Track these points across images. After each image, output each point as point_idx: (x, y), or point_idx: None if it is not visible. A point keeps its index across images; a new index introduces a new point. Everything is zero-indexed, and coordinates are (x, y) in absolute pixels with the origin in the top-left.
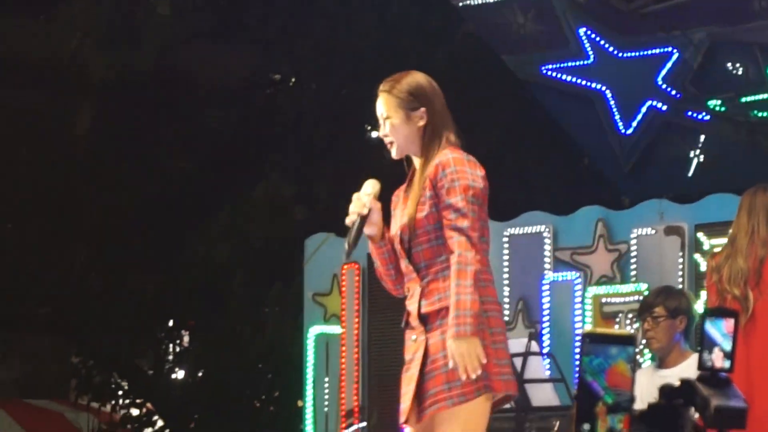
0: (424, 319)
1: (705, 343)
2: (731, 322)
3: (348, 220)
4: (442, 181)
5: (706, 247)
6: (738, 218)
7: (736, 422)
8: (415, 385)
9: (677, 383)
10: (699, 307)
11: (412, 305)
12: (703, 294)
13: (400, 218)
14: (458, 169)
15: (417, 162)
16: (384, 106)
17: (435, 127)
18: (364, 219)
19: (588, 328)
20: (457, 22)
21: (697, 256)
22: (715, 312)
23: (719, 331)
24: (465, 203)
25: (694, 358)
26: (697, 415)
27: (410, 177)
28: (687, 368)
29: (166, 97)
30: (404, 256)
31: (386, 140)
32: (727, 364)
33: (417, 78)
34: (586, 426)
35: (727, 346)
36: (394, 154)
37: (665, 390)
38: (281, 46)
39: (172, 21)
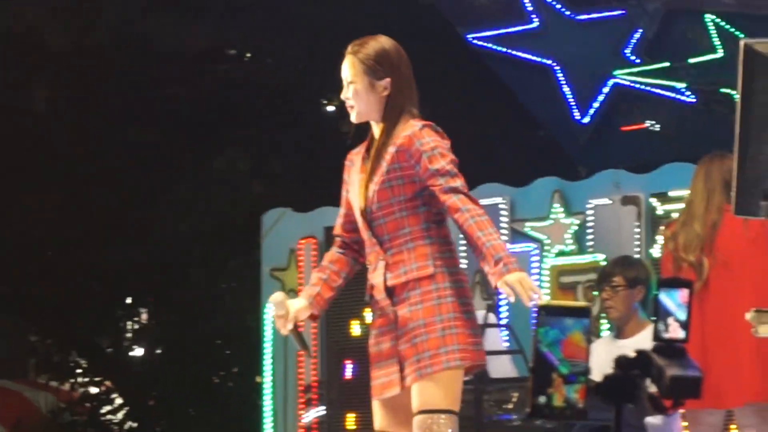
0: (390, 292)
1: (660, 314)
2: (686, 292)
3: (284, 333)
4: (419, 152)
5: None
6: (694, 185)
7: (691, 391)
8: (397, 358)
9: (633, 354)
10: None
11: (376, 278)
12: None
13: (358, 187)
14: (434, 139)
15: (376, 129)
16: (349, 69)
17: (398, 99)
18: (294, 328)
19: (545, 299)
20: None
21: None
22: (669, 282)
23: (674, 301)
24: (451, 166)
25: (651, 328)
26: (654, 387)
27: (368, 143)
28: (645, 338)
29: (123, 70)
30: (366, 228)
31: (347, 103)
32: (682, 334)
33: (385, 45)
34: (542, 399)
35: (682, 316)
36: (354, 118)
37: (621, 361)
38: (238, 19)
39: None
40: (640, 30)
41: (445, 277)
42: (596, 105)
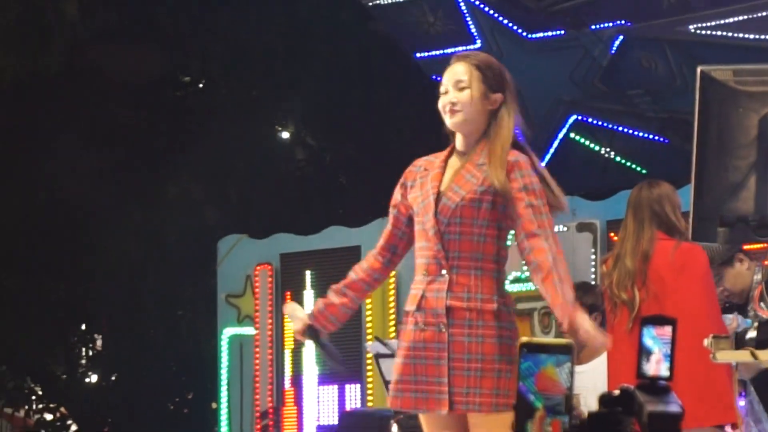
0: (449, 312)
1: (643, 351)
2: (669, 329)
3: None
4: (518, 184)
5: None
6: (625, 219)
7: (670, 427)
8: (447, 379)
9: (616, 392)
10: None
11: (433, 292)
12: None
13: (433, 194)
14: (532, 174)
15: (462, 142)
16: (466, 74)
17: (504, 118)
18: (313, 336)
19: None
20: (367, 19)
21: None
22: (652, 320)
23: (657, 338)
24: (547, 208)
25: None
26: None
27: (448, 153)
28: (600, 364)
29: (76, 96)
30: (438, 239)
31: (449, 107)
32: (666, 372)
33: (497, 62)
34: None
35: (666, 353)
36: (454, 123)
37: (605, 398)
38: (192, 46)
39: (81, 20)
40: (595, 57)
41: (507, 317)
42: (551, 131)
